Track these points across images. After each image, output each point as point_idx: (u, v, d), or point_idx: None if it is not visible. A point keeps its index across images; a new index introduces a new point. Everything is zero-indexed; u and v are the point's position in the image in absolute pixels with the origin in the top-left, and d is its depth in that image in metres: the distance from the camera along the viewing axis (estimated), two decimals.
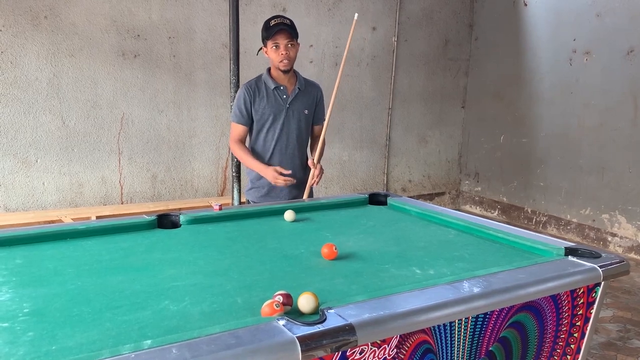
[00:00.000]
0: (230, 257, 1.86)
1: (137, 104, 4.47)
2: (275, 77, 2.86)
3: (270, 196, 2.93)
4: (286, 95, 2.87)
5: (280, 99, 2.86)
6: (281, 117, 2.86)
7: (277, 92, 2.85)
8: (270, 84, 2.84)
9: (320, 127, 3.05)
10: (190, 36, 4.62)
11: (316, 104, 3.00)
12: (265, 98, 2.84)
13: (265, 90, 2.85)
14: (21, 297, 1.46)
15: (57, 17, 4.07)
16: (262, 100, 2.84)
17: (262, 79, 2.88)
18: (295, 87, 2.89)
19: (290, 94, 2.87)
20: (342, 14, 5.39)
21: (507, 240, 2.06)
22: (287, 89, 2.87)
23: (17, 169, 4.09)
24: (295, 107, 2.89)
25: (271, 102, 2.84)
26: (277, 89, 2.85)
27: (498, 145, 6.12)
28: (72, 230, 2.05)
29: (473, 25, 6.30)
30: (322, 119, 3.05)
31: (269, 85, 2.85)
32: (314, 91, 2.99)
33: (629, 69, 4.80)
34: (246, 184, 3.05)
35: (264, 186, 2.92)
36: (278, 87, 2.85)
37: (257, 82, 2.88)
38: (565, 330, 1.75)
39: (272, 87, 2.84)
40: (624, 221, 4.94)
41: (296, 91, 2.88)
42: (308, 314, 1.32)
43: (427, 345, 1.42)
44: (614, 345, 3.21)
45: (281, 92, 2.86)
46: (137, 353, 1.09)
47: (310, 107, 2.95)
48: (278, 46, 2.74)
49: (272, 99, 2.85)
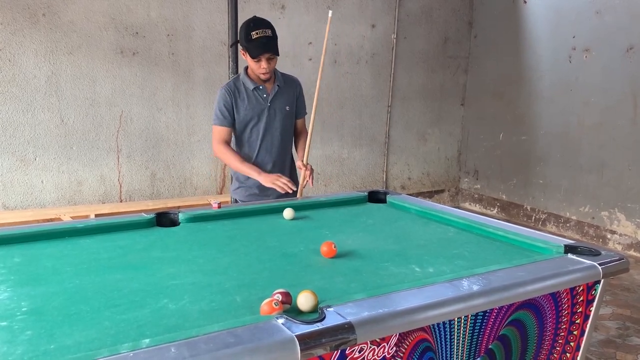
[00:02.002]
0: (229, 255, 1.86)
1: (135, 101, 4.46)
2: (253, 77, 2.81)
3: (261, 195, 2.88)
4: (266, 95, 2.82)
5: (261, 99, 2.82)
6: (264, 117, 2.82)
7: (256, 92, 2.81)
8: (249, 84, 2.80)
9: (302, 120, 3.02)
10: (189, 34, 4.61)
11: (296, 98, 2.96)
12: (246, 99, 2.80)
13: (245, 91, 2.80)
14: (19, 295, 1.46)
15: (55, 14, 4.06)
16: (243, 102, 2.79)
17: (240, 80, 2.83)
18: (275, 85, 2.84)
19: (270, 92, 2.83)
20: (342, 11, 5.38)
21: (507, 238, 2.06)
22: (266, 88, 2.83)
23: (15, 167, 4.08)
24: (276, 105, 2.85)
25: (252, 102, 2.80)
26: (256, 89, 2.81)
27: (497, 143, 6.12)
28: (71, 228, 2.04)
29: (472, 22, 6.29)
30: (304, 113, 3.03)
31: (248, 86, 2.80)
32: (293, 86, 2.95)
33: (628, 67, 4.79)
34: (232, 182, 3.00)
35: (253, 186, 2.88)
36: (257, 87, 2.81)
37: (236, 82, 2.83)
38: (564, 327, 1.75)
39: (251, 87, 2.80)
40: (623, 219, 4.95)
41: (275, 89, 2.84)
42: (307, 313, 1.32)
43: (427, 344, 1.41)
44: (614, 343, 3.21)
45: (261, 92, 2.82)
46: (136, 352, 1.09)
47: (291, 103, 2.92)
48: (259, 60, 2.68)
49: (252, 99, 2.81)
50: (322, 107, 5.44)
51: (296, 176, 3.04)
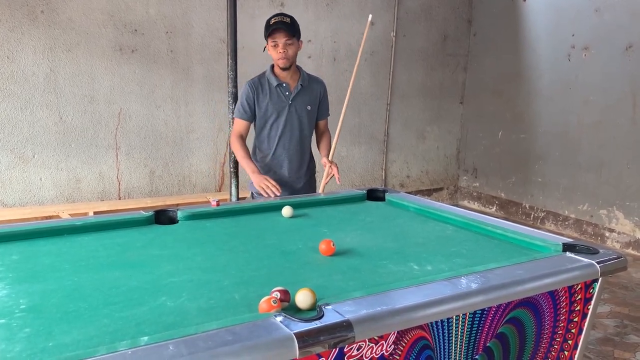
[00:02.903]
0: (228, 253, 1.86)
1: (134, 99, 4.45)
2: (278, 74, 2.88)
3: None
4: (289, 92, 2.89)
5: (283, 96, 2.88)
6: (284, 114, 2.89)
7: (279, 89, 2.88)
8: (273, 81, 2.87)
9: (324, 122, 3.10)
10: (187, 31, 4.60)
11: (320, 99, 3.02)
12: (269, 95, 2.87)
13: (269, 87, 2.88)
14: (18, 293, 1.46)
15: (54, 11, 4.05)
16: (265, 97, 2.87)
17: (265, 76, 2.90)
18: (298, 84, 2.91)
19: (293, 90, 2.90)
20: (341, 9, 5.37)
21: (505, 236, 2.06)
22: (289, 85, 2.89)
23: (14, 165, 4.08)
24: (298, 104, 2.91)
25: (274, 98, 2.87)
26: (279, 85, 2.87)
27: (496, 141, 6.12)
28: (69, 226, 2.04)
29: (472, 20, 6.29)
30: (327, 114, 3.10)
31: (272, 82, 2.87)
32: (318, 87, 3.01)
33: (627, 65, 4.79)
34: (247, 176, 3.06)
35: None
36: (280, 84, 2.87)
37: (261, 79, 2.90)
38: (562, 326, 1.75)
39: (274, 84, 2.86)
40: (621, 217, 4.95)
41: (299, 88, 2.90)
42: (305, 310, 1.32)
43: (425, 342, 1.41)
44: (612, 341, 3.22)
45: (284, 89, 2.88)
46: (134, 349, 1.09)
47: (313, 103, 2.98)
48: (276, 45, 2.75)
49: (274, 95, 2.87)
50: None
51: (312, 174, 3.12)
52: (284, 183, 2.94)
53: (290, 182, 2.98)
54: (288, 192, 2.95)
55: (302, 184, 3.03)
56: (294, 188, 2.99)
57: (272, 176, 2.91)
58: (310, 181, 3.10)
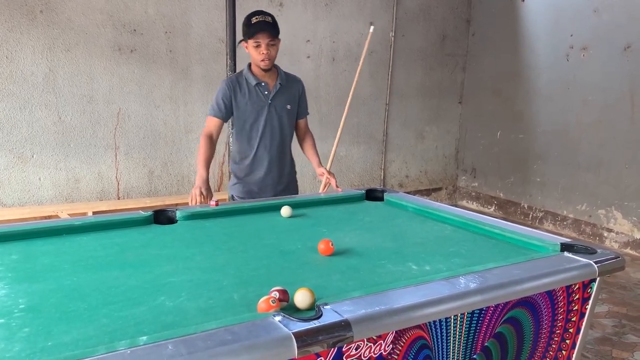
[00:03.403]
0: (227, 253, 1.86)
1: (133, 99, 4.45)
2: (256, 73, 2.81)
3: (257, 193, 2.90)
4: (267, 92, 2.82)
5: (262, 95, 2.81)
6: (264, 114, 2.82)
7: (258, 88, 2.81)
8: (252, 80, 2.79)
9: (304, 121, 3.03)
10: (186, 31, 4.60)
11: (299, 98, 2.96)
12: (247, 94, 2.79)
13: (247, 86, 2.80)
14: (17, 293, 1.46)
15: (53, 11, 4.05)
16: (244, 97, 2.79)
17: (243, 75, 2.83)
18: (277, 83, 2.84)
19: (272, 89, 2.83)
20: (340, 9, 5.37)
21: (503, 236, 2.07)
22: (268, 85, 2.82)
23: (13, 164, 4.07)
24: (277, 103, 2.84)
25: (253, 98, 2.80)
26: (258, 85, 2.80)
27: (495, 141, 6.13)
28: (68, 225, 2.04)
29: (470, 20, 6.29)
30: (306, 113, 3.03)
31: (250, 82, 2.79)
32: (296, 86, 2.95)
33: (626, 65, 4.80)
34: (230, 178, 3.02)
35: (250, 183, 2.90)
36: (259, 84, 2.80)
37: (238, 78, 2.83)
38: (560, 325, 1.76)
39: (253, 83, 2.79)
40: (620, 217, 4.96)
41: (277, 87, 2.84)
42: (304, 310, 1.32)
43: (423, 341, 1.42)
44: (610, 341, 3.22)
45: (262, 88, 2.81)
46: (133, 349, 1.09)
47: (292, 102, 2.91)
48: (259, 45, 2.68)
49: (253, 95, 2.80)
50: (320, 104, 5.44)
51: (293, 175, 3.06)
52: (266, 184, 2.90)
53: (272, 184, 2.92)
54: (270, 194, 2.89)
55: (284, 186, 2.97)
56: (277, 189, 2.93)
57: (254, 178, 2.87)
58: (292, 182, 3.04)
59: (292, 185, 3.06)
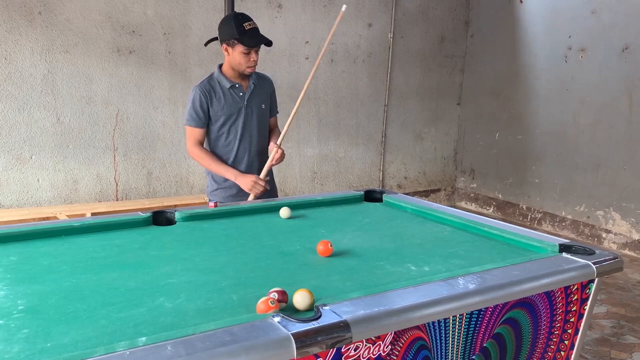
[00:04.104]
0: (226, 254, 1.86)
1: (132, 100, 4.45)
2: (229, 76, 2.75)
3: (239, 196, 2.83)
4: (242, 93, 2.78)
5: (237, 97, 2.77)
6: (241, 115, 2.78)
7: (233, 90, 2.76)
8: (225, 82, 2.74)
9: (275, 119, 3.00)
10: (185, 32, 4.60)
11: (270, 96, 2.93)
12: (222, 98, 2.74)
13: (221, 89, 2.74)
14: (16, 294, 1.46)
15: (51, 12, 4.05)
16: (219, 101, 2.73)
17: (214, 78, 2.76)
18: (250, 83, 2.80)
19: (246, 90, 2.79)
20: (338, 10, 5.37)
21: (502, 237, 2.07)
22: (242, 86, 2.78)
23: (11, 166, 4.07)
24: (253, 104, 2.81)
25: (228, 101, 2.75)
26: (232, 87, 2.75)
27: (494, 142, 6.13)
28: (67, 227, 2.04)
29: (469, 22, 6.30)
30: (276, 111, 3.01)
31: (224, 85, 2.74)
32: (267, 84, 2.92)
33: (624, 67, 4.81)
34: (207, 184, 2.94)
35: (232, 187, 2.82)
36: (233, 86, 2.76)
37: (210, 81, 2.75)
38: (559, 326, 1.76)
39: (227, 86, 2.74)
40: (618, 218, 4.97)
41: (251, 87, 2.80)
42: (303, 311, 1.32)
43: (422, 342, 1.42)
44: (608, 341, 3.23)
45: (237, 90, 2.77)
46: (132, 350, 1.09)
47: (266, 101, 2.88)
48: (249, 53, 2.66)
49: (229, 98, 2.75)
50: (319, 106, 5.44)
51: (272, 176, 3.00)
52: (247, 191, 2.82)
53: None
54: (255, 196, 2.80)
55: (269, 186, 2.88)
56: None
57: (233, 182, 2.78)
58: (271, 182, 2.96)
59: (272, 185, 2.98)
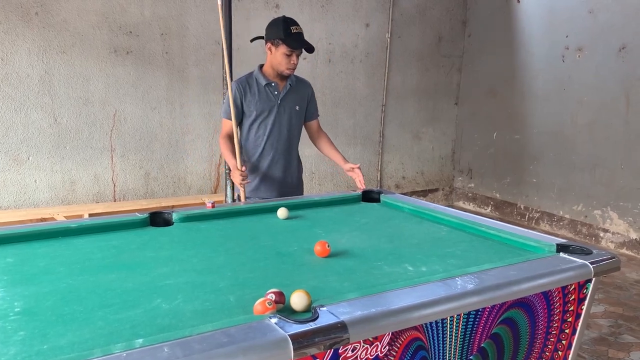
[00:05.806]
0: (223, 254, 1.86)
1: (129, 101, 4.45)
2: (267, 74, 2.88)
3: (260, 190, 2.95)
4: (277, 92, 2.89)
5: (272, 95, 2.88)
6: (273, 113, 2.89)
7: (268, 88, 2.88)
8: (262, 80, 2.87)
9: (317, 122, 3.11)
10: (182, 33, 4.60)
11: (308, 101, 3.04)
12: (257, 94, 2.87)
13: (257, 86, 2.88)
14: (12, 295, 1.46)
15: (48, 13, 4.04)
16: (254, 97, 2.86)
17: (253, 76, 2.90)
18: (287, 84, 2.92)
19: (282, 90, 2.90)
20: (336, 10, 5.38)
21: (499, 237, 2.07)
22: (278, 85, 2.89)
23: (8, 167, 4.06)
24: (286, 104, 2.91)
25: (262, 98, 2.87)
26: (268, 85, 2.87)
27: (491, 142, 6.14)
28: (64, 228, 2.04)
29: (466, 22, 6.31)
30: (317, 115, 3.11)
31: (261, 82, 2.87)
32: (305, 88, 3.03)
33: (621, 66, 4.82)
34: None
35: (253, 179, 2.94)
36: (269, 84, 2.87)
37: (248, 78, 2.90)
38: (556, 326, 1.76)
39: (263, 83, 2.87)
40: (615, 217, 4.98)
41: (287, 87, 2.91)
42: (300, 312, 1.32)
43: (419, 342, 1.42)
44: (606, 341, 3.23)
45: (272, 89, 2.88)
46: (129, 352, 1.09)
47: (301, 103, 2.99)
48: (291, 55, 2.78)
49: (263, 95, 2.87)
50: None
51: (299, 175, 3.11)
52: (271, 183, 2.94)
53: (278, 182, 2.97)
54: (276, 193, 2.95)
55: (289, 185, 3.01)
56: (282, 189, 2.97)
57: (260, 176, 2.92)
58: (298, 182, 3.09)
59: (299, 185, 3.11)
